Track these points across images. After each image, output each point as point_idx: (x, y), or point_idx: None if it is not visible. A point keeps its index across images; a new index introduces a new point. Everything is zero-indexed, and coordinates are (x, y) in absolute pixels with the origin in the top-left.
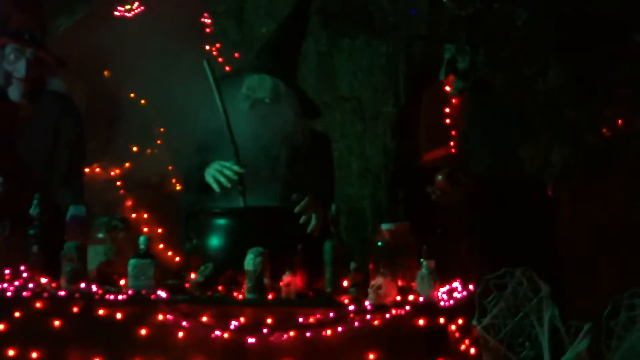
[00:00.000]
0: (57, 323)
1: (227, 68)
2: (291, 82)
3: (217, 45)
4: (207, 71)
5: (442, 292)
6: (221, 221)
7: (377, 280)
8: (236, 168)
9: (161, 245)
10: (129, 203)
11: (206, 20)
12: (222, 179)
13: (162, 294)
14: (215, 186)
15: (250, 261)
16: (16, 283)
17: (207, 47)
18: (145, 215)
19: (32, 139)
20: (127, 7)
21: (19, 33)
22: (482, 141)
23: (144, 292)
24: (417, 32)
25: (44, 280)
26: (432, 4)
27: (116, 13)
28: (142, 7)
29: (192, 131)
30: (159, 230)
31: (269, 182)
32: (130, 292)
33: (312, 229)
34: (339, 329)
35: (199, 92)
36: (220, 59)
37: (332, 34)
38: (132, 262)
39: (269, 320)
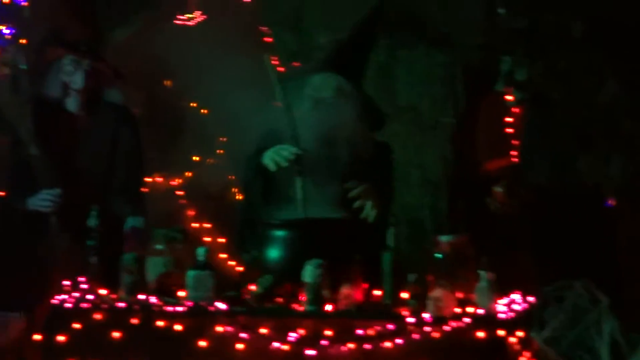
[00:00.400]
0: (116, 334)
1: None
2: (356, 85)
3: (275, 56)
4: (267, 64)
5: (501, 304)
6: (280, 232)
7: (436, 292)
8: (293, 149)
9: (223, 256)
10: (190, 213)
11: (265, 29)
12: (278, 158)
13: (221, 305)
14: (272, 165)
15: (309, 273)
16: (75, 294)
17: (266, 57)
18: (207, 225)
19: (90, 150)
20: (188, 15)
21: (75, 44)
22: (540, 152)
23: (202, 303)
24: (474, 42)
25: (103, 291)
26: (488, 15)
27: (176, 22)
28: (203, 16)
29: (253, 139)
30: (221, 240)
31: (328, 183)
32: (189, 303)
33: (366, 215)
34: (398, 341)
35: (259, 99)
36: (278, 69)
37: (390, 44)
38: (191, 273)
39: (328, 332)
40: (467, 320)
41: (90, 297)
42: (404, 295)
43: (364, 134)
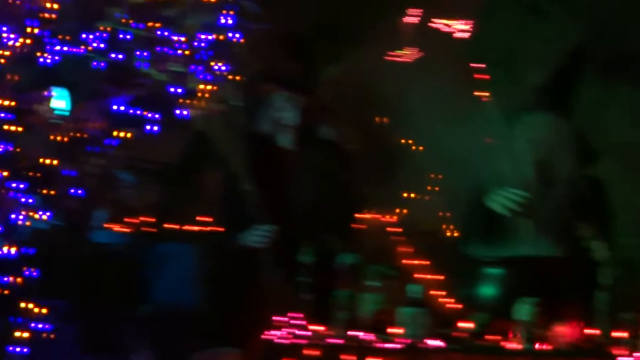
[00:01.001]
0: None
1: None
2: (567, 121)
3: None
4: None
5: None
6: (495, 270)
7: None
8: (521, 192)
9: (436, 292)
10: (403, 249)
11: (477, 66)
12: (509, 203)
13: (436, 343)
14: (501, 209)
15: (525, 311)
16: (289, 330)
17: (478, 94)
18: (421, 262)
19: (301, 186)
20: (400, 52)
21: (287, 80)
22: None
23: (417, 341)
24: None
25: (317, 327)
26: None
27: (388, 58)
28: (417, 52)
29: (468, 177)
30: (435, 277)
31: (546, 220)
32: (405, 340)
33: (597, 255)
34: None
35: (473, 136)
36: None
37: (600, 80)
38: (405, 310)
39: None
40: None
41: (303, 332)
42: (619, 334)
43: (578, 171)
